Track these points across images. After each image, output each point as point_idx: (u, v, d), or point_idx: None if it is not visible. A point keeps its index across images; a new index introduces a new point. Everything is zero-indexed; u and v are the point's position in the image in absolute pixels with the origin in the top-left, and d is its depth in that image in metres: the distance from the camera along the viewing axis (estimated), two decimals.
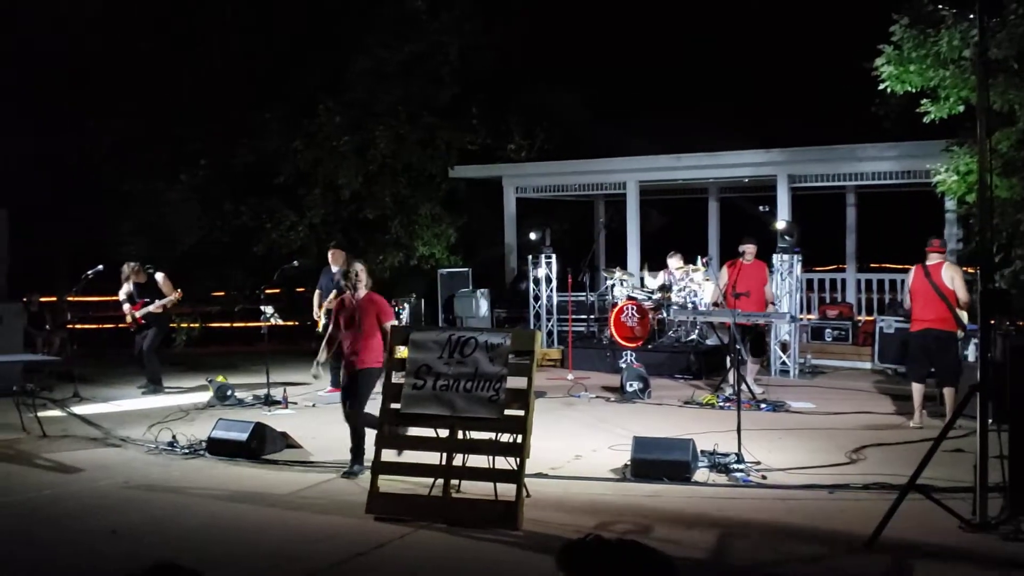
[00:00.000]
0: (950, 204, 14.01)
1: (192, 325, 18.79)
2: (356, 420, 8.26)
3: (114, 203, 18.37)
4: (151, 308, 12.92)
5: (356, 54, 17.86)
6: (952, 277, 10.03)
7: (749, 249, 12.22)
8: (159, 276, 13.13)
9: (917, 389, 10.24)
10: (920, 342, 10.21)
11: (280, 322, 13.16)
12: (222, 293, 19.74)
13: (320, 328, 12.76)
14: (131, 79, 17.88)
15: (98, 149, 18.13)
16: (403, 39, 17.77)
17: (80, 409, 11.71)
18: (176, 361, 16.01)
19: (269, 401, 11.62)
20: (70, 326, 14.82)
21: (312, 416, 11.19)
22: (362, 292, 8.46)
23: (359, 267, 8.60)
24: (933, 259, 10.17)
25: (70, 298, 14.06)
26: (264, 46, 18.17)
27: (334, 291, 12.17)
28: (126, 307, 13.13)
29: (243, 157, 17.93)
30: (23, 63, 17.65)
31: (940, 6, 10.75)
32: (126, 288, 13.11)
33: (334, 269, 12.68)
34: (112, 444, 9.75)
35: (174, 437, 9.48)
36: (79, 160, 18.21)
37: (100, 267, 12.99)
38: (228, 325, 19.46)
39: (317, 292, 12.95)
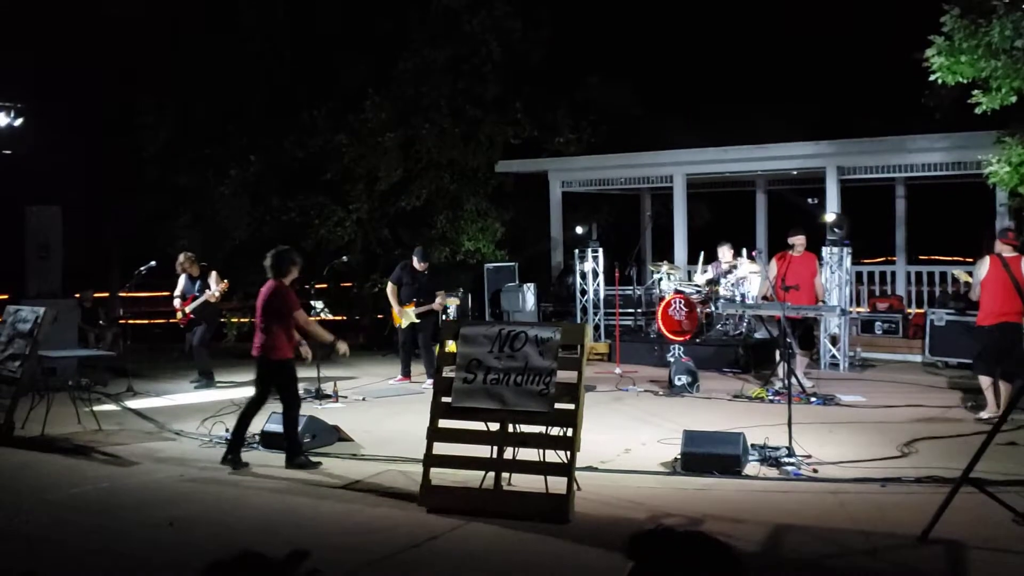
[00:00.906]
0: (1001, 196, 13.84)
1: (243, 320, 19.04)
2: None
3: (166, 199, 18.65)
4: (200, 300, 13.11)
5: (402, 51, 17.98)
6: None
7: (798, 241, 12.15)
8: (212, 275, 13.32)
9: (988, 381, 10.03)
10: (997, 335, 10.00)
11: (330, 316, 13.32)
12: None
13: (402, 324, 13.00)
14: (181, 76, 18.14)
15: (151, 144, 18.41)
16: (445, 38, 17.86)
17: (134, 403, 11.93)
18: (227, 355, 16.27)
19: (320, 395, 11.77)
20: (123, 321, 15.11)
21: (363, 410, 11.32)
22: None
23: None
24: (1009, 251, 10.03)
25: (123, 294, 14.32)
26: (312, 44, 18.34)
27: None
28: (177, 302, 13.36)
29: (291, 153, 18.13)
30: (75, 61, 17.98)
31: None
32: (181, 283, 13.33)
33: (418, 270, 13.05)
34: (167, 438, 9.94)
35: (227, 430, 9.60)
36: (131, 156, 18.51)
37: (153, 263, 13.24)
38: None
39: (392, 287, 13.19)
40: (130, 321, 15.75)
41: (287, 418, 8.64)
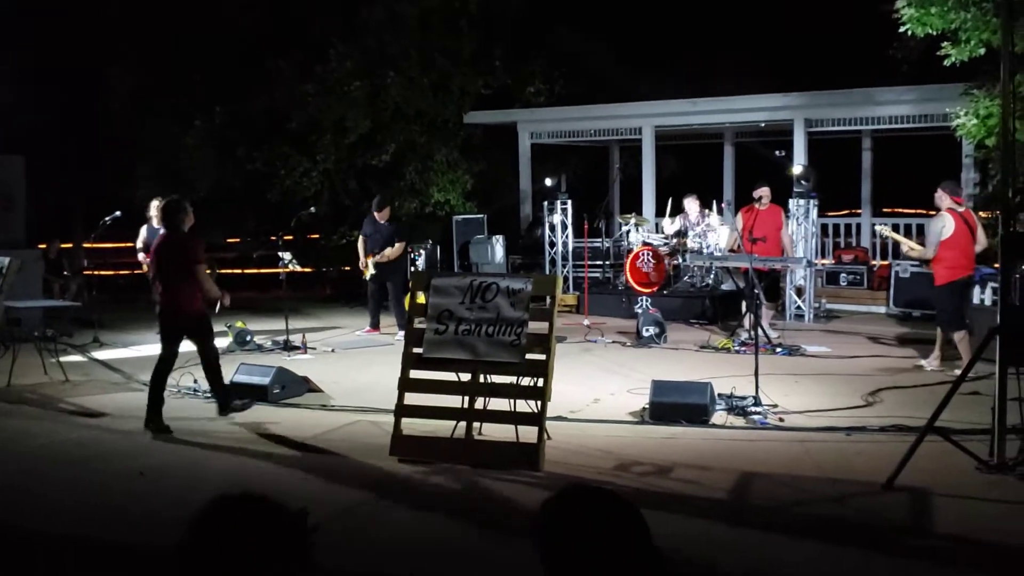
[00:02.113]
0: (968, 148, 13.92)
1: (207, 271, 18.82)
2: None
3: (131, 149, 18.36)
4: None
5: (370, 4, 17.70)
6: (978, 224, 10.03)
7: (764, 194, 12.23)
8: None
9: (964, 336, 9.94)
10: (963, 290, 10.11)
11: (298, 268, 13.24)
12: (236, 240, 19.80)
13: (367, 276, 12.96)
14: (146, 25, 17.77)
15: (115, 96, 18.08)
16: None
17: (100, 354, 11.84)
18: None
19: (288, 346, 11.71)
20: (88, 272, 14.90)
21: (331, 361, 11.29)
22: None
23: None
24: (962, 207, 10.11)
25: (88, 245, 14.12)
26: None
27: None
28: (141, 255, 13.09)
29: (257, 103, 17.86)
30: (38, 12, 17.56)
31: None
32: (143, 232, 13.02)
33: (380, 221, 13.06)
34: (134, 388, 9.85)
35: (195, 381, 9.56)
36: (96, 107, 18.18)
37: (118, 213, 13.03)
38: (242, 271, 19.55)
39: (362, 239, 13.15)
40: (95, 272, 15.57)
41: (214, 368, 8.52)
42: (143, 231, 13.02)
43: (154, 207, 12.81)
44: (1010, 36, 6.79)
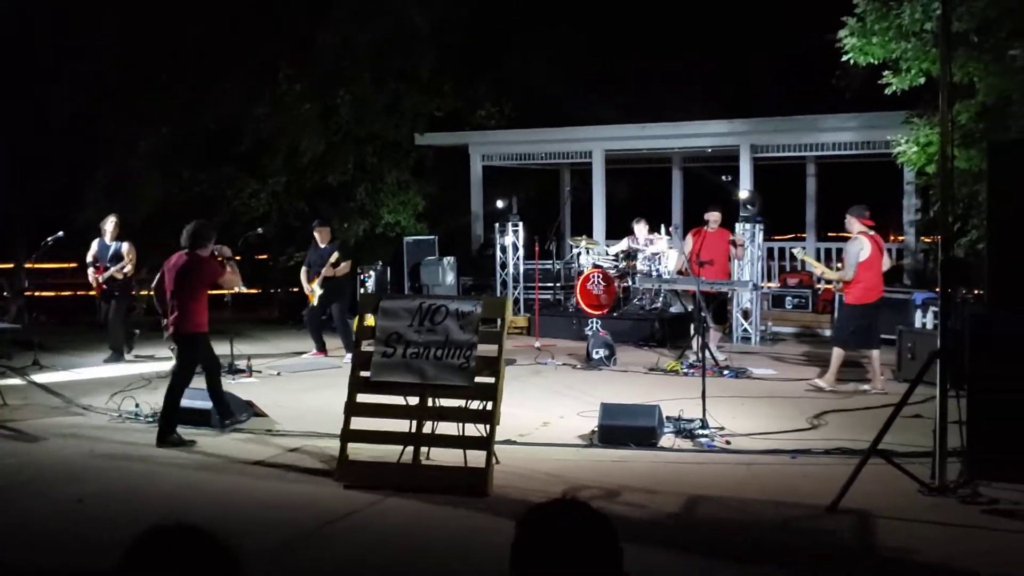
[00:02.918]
0: (909, 175, 14.19)
1: (151, 292, 18.59)
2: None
3: (75, 170, 18.07)
4: (109, 273, 12.68)
5: (321, 28, 17.64)
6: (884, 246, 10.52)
7: (714, 217, 12.38)
8: (124, 245, 12.84)
9: (878, 356, 10.41)
10: (876, 311, 10.49)
11: (244, 290, 13.09)
12: None
13: (313, 302, 12.81)
14: (94, 42, 17.54)
15: (59, 115, 17.80)
16: (370, 16, 17.57)
17: (40, 377, 11.57)
18: (136, 329, 15.88)
19: (233, 370, 11.54)
20: (28, 293, 14.61)
21: (278, 385, 11.15)
22: None
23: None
24: (872, 230, 10.46)
25: (29, 265, 13.85)
26: (229, 13, 17.87)
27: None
28: (91, 271, 12.84)
29: (204, 124, 17.69)
30: None
31: None
32: (94, 247, 12.78)
33: (322, 246, 12.93)
34: (75, 413, 9.66)
35: (137, 405, 9.41)
36: (39, 126, 17.87)
37: (60, 233, 12.81)
38: None
39: (304, 269, 13.03)
40: (36, 293, 15.26)
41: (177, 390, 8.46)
42: (94, 245, 12.85)
43: (109, 223, 12.80)
44: (948, 66, 6.94)
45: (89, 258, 12.85)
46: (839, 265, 11.77)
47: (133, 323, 13.38)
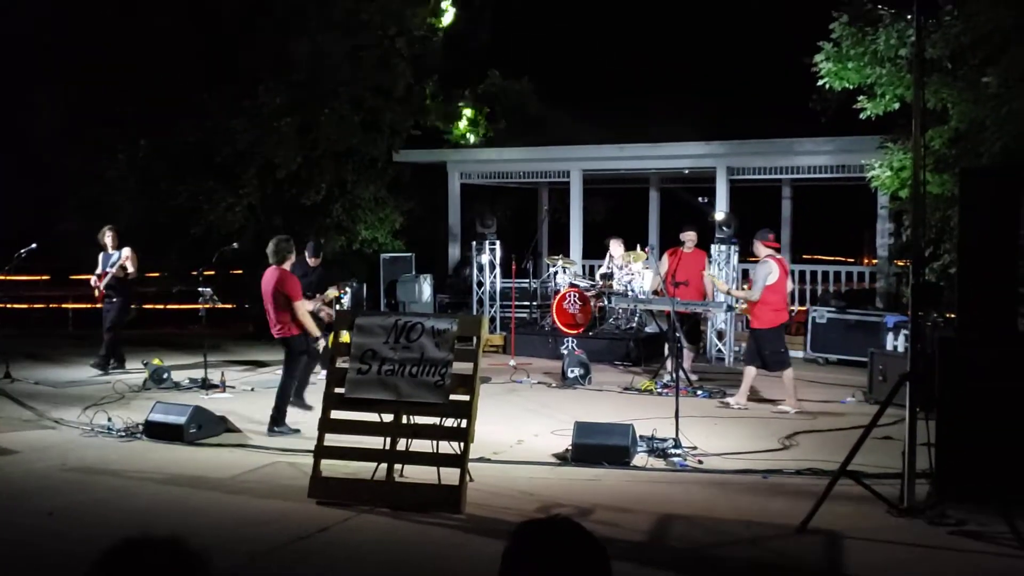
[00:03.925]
0: (883, 199, 14.35)
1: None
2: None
3: (51, 181, 18.00)
4: (110, 275, 12.85)
5: (299, 38, 17.66)
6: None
7: (689, 237, 12.50)
8: (126, 250, 13.02)
9: (791, 374, 10.73)
10: (784, 332, 10.94)
11: (219, 304, 13.06)
12: (156, 274, 19.45)
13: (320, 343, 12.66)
14: (73, 54, 17.52)
15: (39, 125, 17.74)
16: (348, 27, 17.62)
17: (11, 389, 11.49)
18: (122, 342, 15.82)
19: (207, 385, 11.51)
20: (0, 306, 14.49)
21: (251, 400, 11.10)
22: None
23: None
24: (779, 253, 10.71)
25: (1, 277, 13.76)
26: (209, 26, 17.89)
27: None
28: (93, 279, 13.12)
29: (183, 136, 17.66)
30: None
31: (878, 5, 11.03)
32: (100, 260, 13.13)
33: (310, 264, 12.78)
34: (46, 426, 9.61)
35: (110, 419, 9.39)
36: (15, 136, 17.80)
37: (34, 245, 12.76)
38: (163, 307, 19.22)
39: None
40: (8, 305, 15.16)
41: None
42: (99, 259, 13.12)
43: (107, 236, 13.11)
44: (921, 92, 7.07)
45: (98, 270, 13.12)
46: (745, 286, 11.98)
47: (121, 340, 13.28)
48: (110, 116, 17.62)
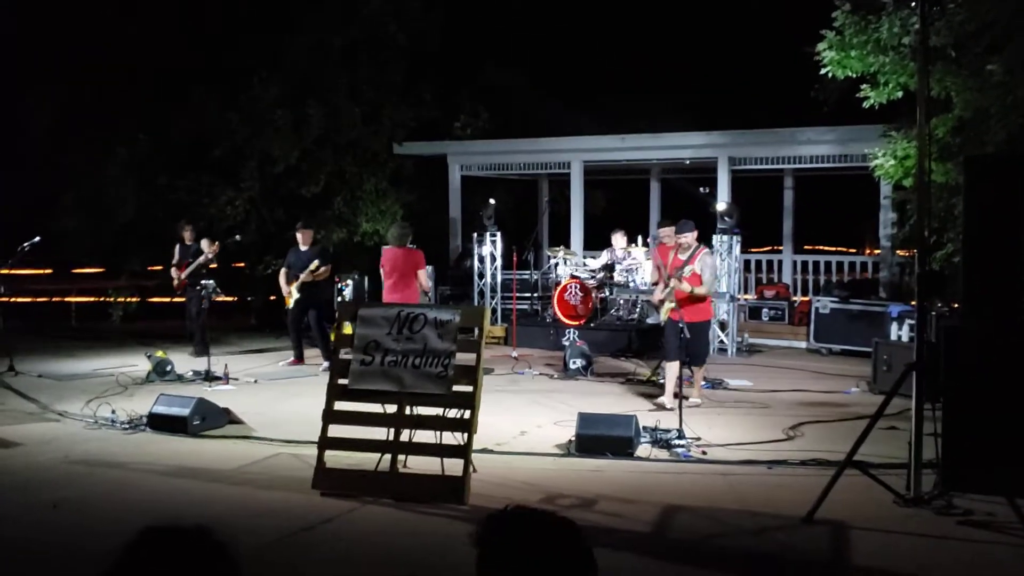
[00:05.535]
0: (886, 188, 14.29)
1: (130, 300, 18.50)
2: None
3: (52, 176, 17.97)
4: (194, 265, 13.44)
5: (295, 34, 17.61)
6: None
7: (666, 233, 12.36)
8: (204, 241, 13.70)
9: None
10: None
11: (221, 297, 13.06)
12: (160, 267, 19.43)
13: (290, 304, 12.71)
14: (71, 51, 17.48)
15: (37, 121, 17.71)
16: (345, 22, 17.57)
17: (15, 382, 11.47)
18: (110, 336, 15.82)
19: (210, 377, 11.48)
20: (3, 299, 14.44)
21: (254, 392, 11.09)
22: None
23: None
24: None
25: (4, 271, 13.73)
26: (205, 23, 17.86)
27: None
28: (173, 271, 13.81)
29: (180, 131, 17.61)
30: None
31: None
32: (176, 252, 13.90)
33: (303, 248, 12.85)
34: (50, 419, 9.59)
35: (114, 412, 9.36)
36: (16, 131, 17.77)
37: (37, 239, 12.73)
38: (167, 300, 19.17)
39: (284, 270, 12.92)
40: (12, 299, 15.12)
41: None
42: (176, 250, 13.91)
43: (187, 230, 14.01)
44: (926, 80, 7.01)
45: (173, 261, 13.90)
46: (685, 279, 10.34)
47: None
48: (106, 113, 17.59)
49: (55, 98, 17.64)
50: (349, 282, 15.76)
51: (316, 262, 12.54)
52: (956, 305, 10.80)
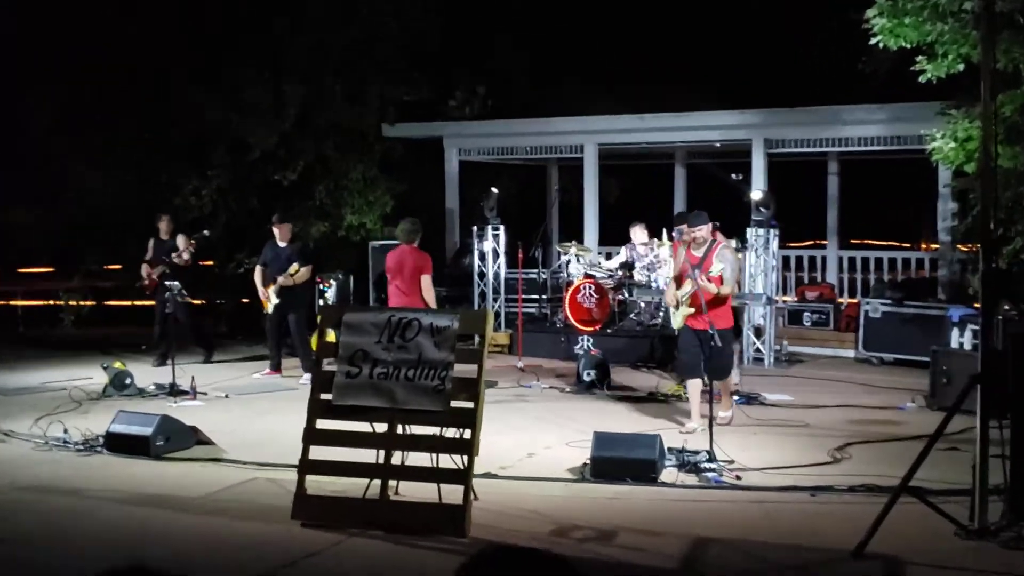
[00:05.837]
0: (945, 175, 14.26)
1: (83, 303, 18.54)
2: None
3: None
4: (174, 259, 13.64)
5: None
6: None
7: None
8: (180, 237, 13.89)
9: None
10: None
11: (188, 299, 13.09)
12: (118, 267, 19.46)
13: (268, 309, 12.76)
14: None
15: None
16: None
17: None
18: (62, 343, 15.84)
19: (175, 391, 11.49)
20: None
21: (225, 408, 11.12)
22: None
23: None
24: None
25: None
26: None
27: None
28: (144, 269, 13.97)
29: (140, 112, 17.67)
30: None
31: None
32: (150, 248, 14.06)
33: (281, 244, 12.95)
34: None
35: (66, 431, 9.37)
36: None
37: None
38: (125, 303, 19.20)
39: (259, 268, 12.97)
40: None
41: None
42: (149, 245, 14.08)
43: (163, 222, 14.12)
44: (991, 51, 7.00)
45: (147, 256, 14.05)
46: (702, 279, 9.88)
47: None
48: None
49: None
50: (332, 282, 15.78)
51: (295, 264, 12.57)
52: None
